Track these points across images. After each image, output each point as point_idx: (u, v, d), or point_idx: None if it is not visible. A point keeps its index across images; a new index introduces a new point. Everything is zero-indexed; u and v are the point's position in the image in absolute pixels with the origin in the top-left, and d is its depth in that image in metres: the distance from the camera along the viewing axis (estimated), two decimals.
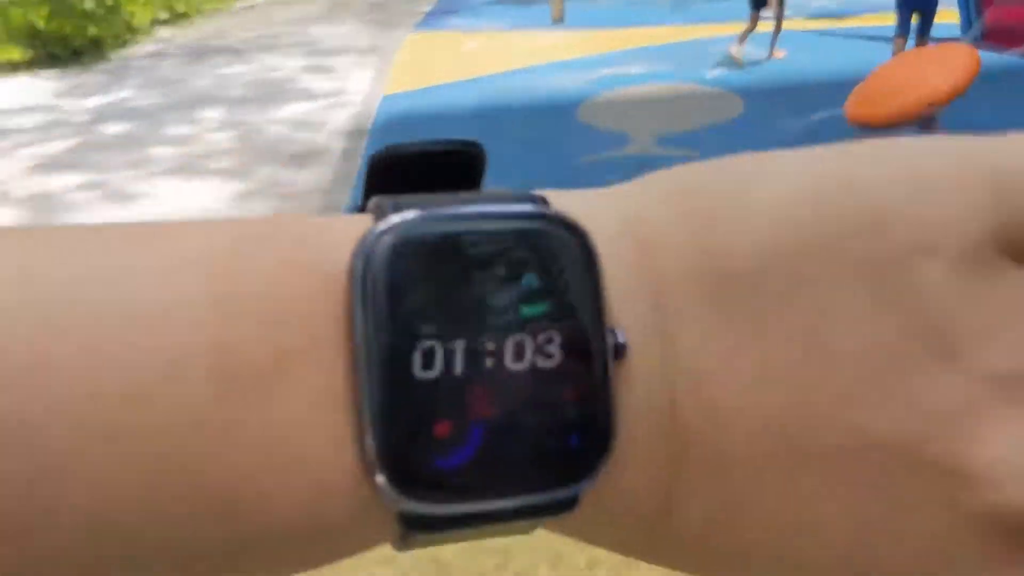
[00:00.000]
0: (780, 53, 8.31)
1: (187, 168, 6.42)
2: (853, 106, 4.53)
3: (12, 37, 11.11)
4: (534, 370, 0.19)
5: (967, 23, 8.30)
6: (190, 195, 5.82)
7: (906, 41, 6.89)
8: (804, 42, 8.72)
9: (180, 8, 14.72)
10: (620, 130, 6.30)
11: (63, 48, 11.26)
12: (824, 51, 8.35)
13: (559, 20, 11.08)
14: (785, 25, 9.50)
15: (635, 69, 8.22)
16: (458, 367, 0.18)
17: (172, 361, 0.17)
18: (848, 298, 0.20)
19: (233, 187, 5.89)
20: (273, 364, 0.17)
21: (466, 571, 2.07)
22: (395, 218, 0.19)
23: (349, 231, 0.19)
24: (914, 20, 6.83)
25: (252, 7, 16.50)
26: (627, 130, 6.27)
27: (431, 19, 12.68)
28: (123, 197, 5.84)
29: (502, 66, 8.85)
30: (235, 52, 11.27)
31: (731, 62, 8.08)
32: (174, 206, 5.60)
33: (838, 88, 6.94)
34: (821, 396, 0.19)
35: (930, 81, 4.26)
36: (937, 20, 8.52)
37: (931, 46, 5.22)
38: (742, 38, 8.39)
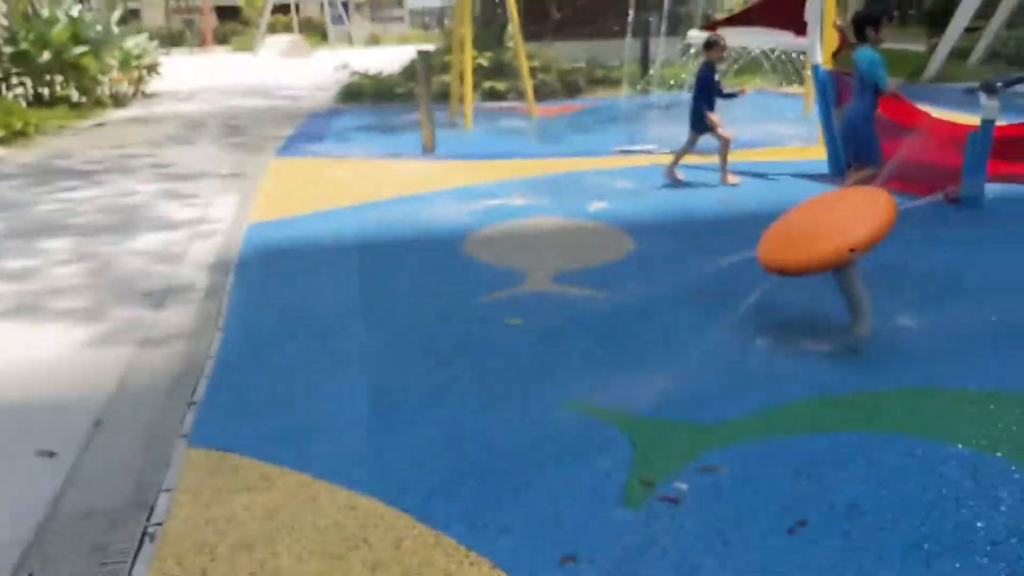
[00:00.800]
0: (735, 179, 8.32)
1: (27, 309, 5.64)
2: (768, 251, 4.36)
3: None
4: None
5: (834, 160, 8.58)
6: (30, 342, 5.06)
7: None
8: (698, 175, 8.81)
9: (18, 125, 13.74)
10: (513, 266, 5.98)
11: None
12: (716, 185, 8.40)
13: (430, 149, 10.88)
14: (661, 158, 9.65)
15: (517, 201, 8.02)
16: None
17: None
18: None
19: (83, 332, 5.17)
20: None
21: None
22: None
23: None
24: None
25: (101, 125, 15.66)
26: (520, 266, 5.96)
27: (294, 144, 12.26)
28: None
29: (377, 194, 8.49)
30: (84, 175, 10.48)
31: (615, 195, 8.02)
32: (9, 358, 4.83)
33: (735, 225, 7.01)
34: None
35: (849, 228, 4.13)
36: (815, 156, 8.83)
37: (844, 189, 5.18)
38: (675, 161, 8.41)
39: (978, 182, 6.91)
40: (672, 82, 15.91)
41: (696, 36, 9.77)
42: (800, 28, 8.62)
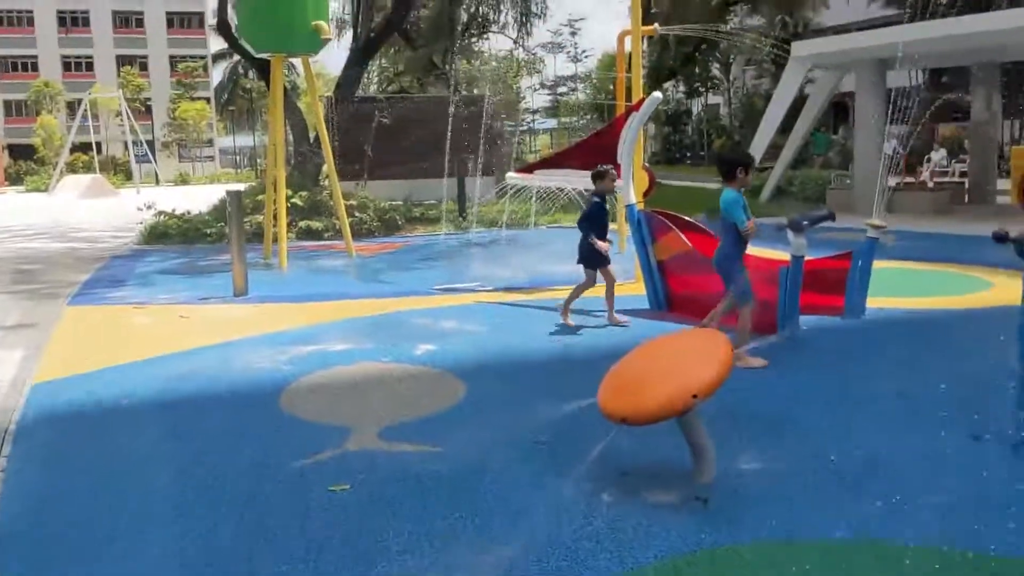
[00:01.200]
0: (624, 319, 8.12)
1: None
2: (609, 398, 4.15)
3: None
4: None
5: (653, 295, 8.70)
6: None
7: None
8: (525, 313, 8.67)
9: None
10: (335, 422, 5.52)
11: None
12: (548, 324, 8.27)
13: (242, 292, 10.31)
14: (485, 296, 9.51)
15: (338, 346, 7.59)
16: None
17: None
18: None
19: None
20: None
21: None
22: None
23: None
24: None
25: None
26: (344, 421, 5.51)
27: (91, 290, 11.34)
28: None
29: (183, 344, 7.83)
30: None
31: (442, 336, 7.73)
32: None
33: (568, 366, 6.87)
34: None
35: (691, 372, 4.00)
36: (621, 292, 8.90)
37: (682, 332, 5.09)
38: (570, 300, 8.14)
39: (794, 317, 7.10)
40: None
41: (513, 178, 9.90)
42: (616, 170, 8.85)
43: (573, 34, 51.86)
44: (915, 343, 7.39)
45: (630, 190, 8.73)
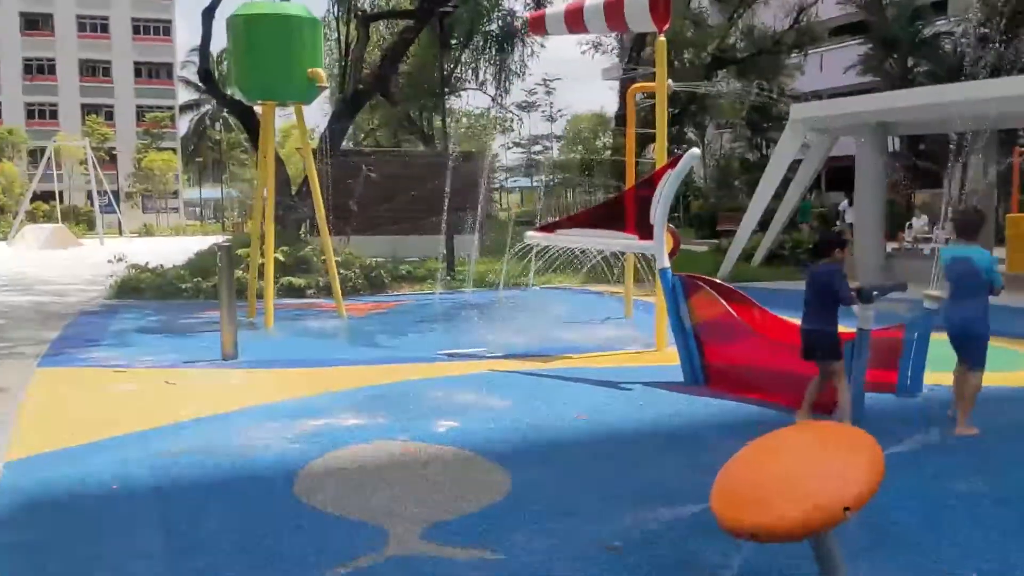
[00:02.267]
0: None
1: None
2: (732, 509, 3.43)
3: None
4: None
5: (689, 368, 8.03)
6: None
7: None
8: (523, 385, 7.95)
9: None
10: (366, 517, 4.73)
11: None
12: (556, 397, 7.53)
13: (232, 356, 9.48)
14: (497, 364, 8.79)
15: (348, 420, 6.80)
16: None
17: None
18: None
19: None
20: None
21: None
22: None
23: None
24: None
25: None
26: (376, 517, 4.72)
27: (62, 350, 10.41)
28: None
29: (173, 415, 6.99)
30: None
31: (461, 410, 6.97)
32: None
33: (615, 448, 6.02)
34: None
35: (837, 479, 3.30)
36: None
37: (811, 427, 4.37)
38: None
39: (860, 396, 6.48)
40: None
41: (534, 237, 9.25)
42: (644, 231, 8.25)
43: (548, 93, 51.95)
44: (986, 429, 6.75)
45: (663, 253, 8.12)
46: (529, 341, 10.38)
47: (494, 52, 34.88)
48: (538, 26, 10.01)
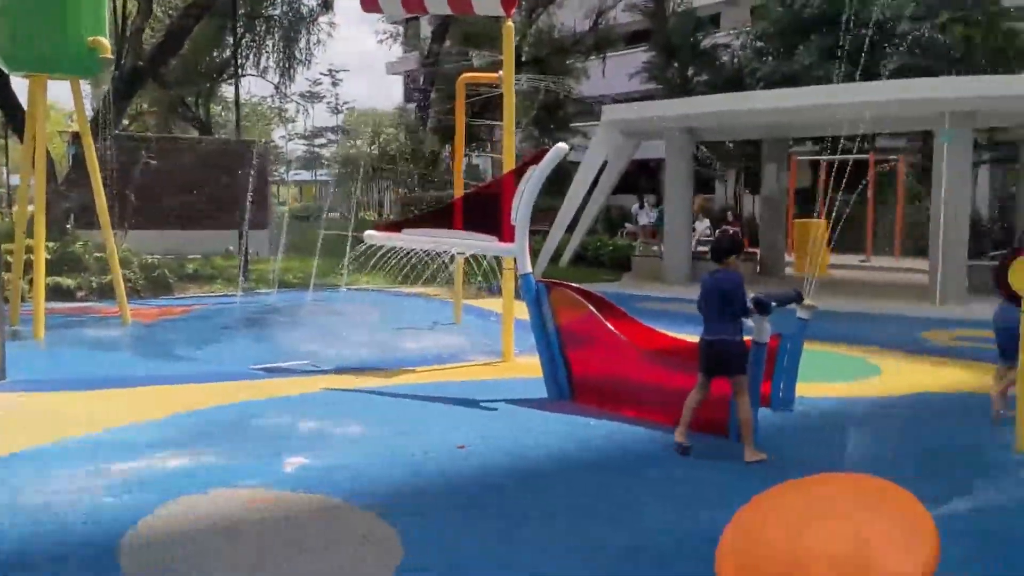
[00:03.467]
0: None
1: None
2: None
3: None
4: None
5: (553, 381, 7.33)
6: None
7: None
8: (373, 406, 6.95)
9: None
10: None
11: None
12: (419, 422, 6.58)
13: (0, 377, 7.79)
14: (331, 381, 7.71)
15: (171, 461, 5.53)
16: None
17: None
18: None
19: None
20: None
21: None
22: None
23: None
24: None
25: None
26: None
27: None
28: None
29: None
30: None
31: (309, 442, 5.86)
32: None
33: (516, 488, 4.83)
34: None
35: (883, 561, 2.64)
36: None
37: (831, 476, 3.66)
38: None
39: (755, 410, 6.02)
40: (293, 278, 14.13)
41: (374, 237, 8.18)
42: (503, 233, 7.46)
43: (335, 84, 50.01)
44: (877, 440, 6.50)
45: (526, 257, 7.37)
46: (359, 352, 9.33)
47: (278, 38, 32.99)
48: (371, 2, 8.99)
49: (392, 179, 35.60)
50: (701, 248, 22.42)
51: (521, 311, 9.77)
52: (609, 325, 6.95)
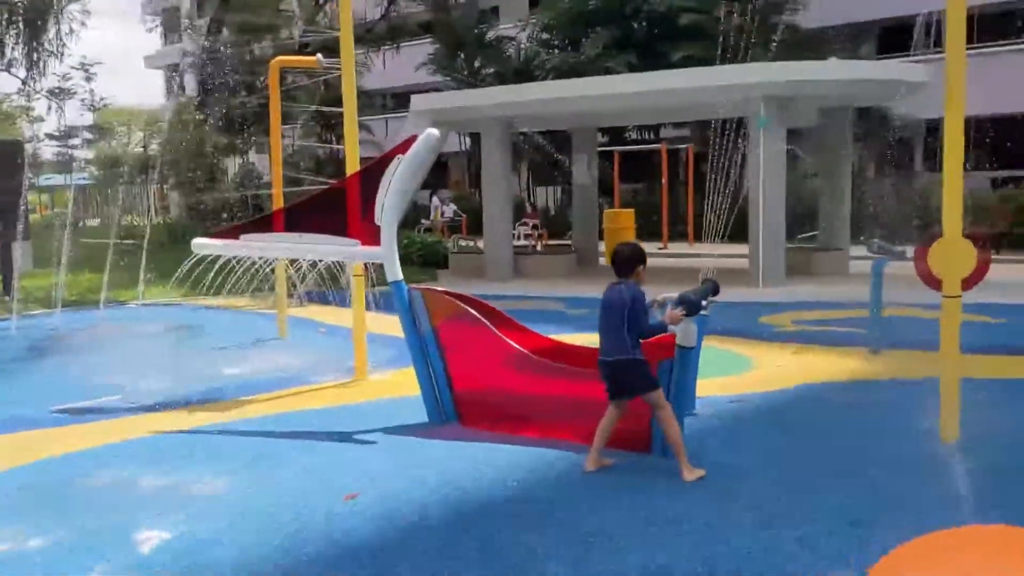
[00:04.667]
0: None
1: None
2: None
3: None
4: None
5: (435, 403, 6.41)
6: None
7: None
8: (220, 451, 5.74)
9: None
10: None
11: None
12: (289, 469, 5.45)
13: None
14: (155, 421, 6.40)
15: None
16: None
17: None
18: None
19: None
20: None
21: None
22: None
23: None
24: None
25: None
26: None
27: None
28: None
29: None
30: None
31: (159, 507, 4.63)
32: None
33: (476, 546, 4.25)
34: None
35: None
36: None
37: (974, 529, 2.91)
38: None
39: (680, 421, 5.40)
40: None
41: (205, 245, 6.84)
42: (367, 235, 6.43)
43: (88, 79, 45.62)
44: (791, 438, 6.07)
45: (396, 262, 6.39)
46: (181, 381, 7.94)
47: (23, 26, 29.46)
48: None
49: (164, 180, 32.84)
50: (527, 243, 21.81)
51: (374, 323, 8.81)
52: (500, 334, 6.13)
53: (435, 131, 6.33)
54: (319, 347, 9.47)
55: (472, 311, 6.25)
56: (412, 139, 6.34)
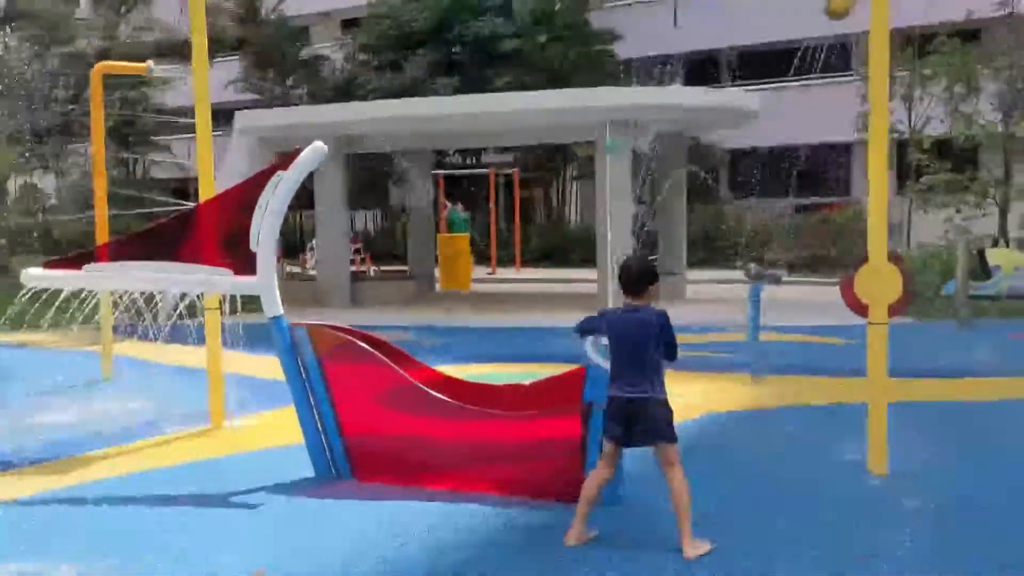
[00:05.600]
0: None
1: None
2: None
3: None
4: None
5: (322, 454, 5.58)
6: None
7: None
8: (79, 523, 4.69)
9: None
10: None
11: None
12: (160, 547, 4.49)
13: None
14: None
15: None
16: None
17: None
18: None
19: None
20: None
21: None
22: None
23: None
24: None
25: None
26: None
27: None
28: None
29: None
30: None
31: None
32: None
33: None
34: None
35: None
36: None
37: None
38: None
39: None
40: None
41: (38, 277, 5.62)
42: (240, 263, 5.53)
43: None
44: (713, 476, 5.70)
45: (275, 293, 5.55)
46: (17, 440, 6.62)
47: None
48: None
49: None
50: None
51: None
52: (401, 371, 5.43)
53: (322, 144, 5.56)
54: (155, 389, 8.33)
55: (366, 347, 5.52)
56: (295, 154, 5.53)
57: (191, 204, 8.61)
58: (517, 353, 9.98)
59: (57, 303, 5.75)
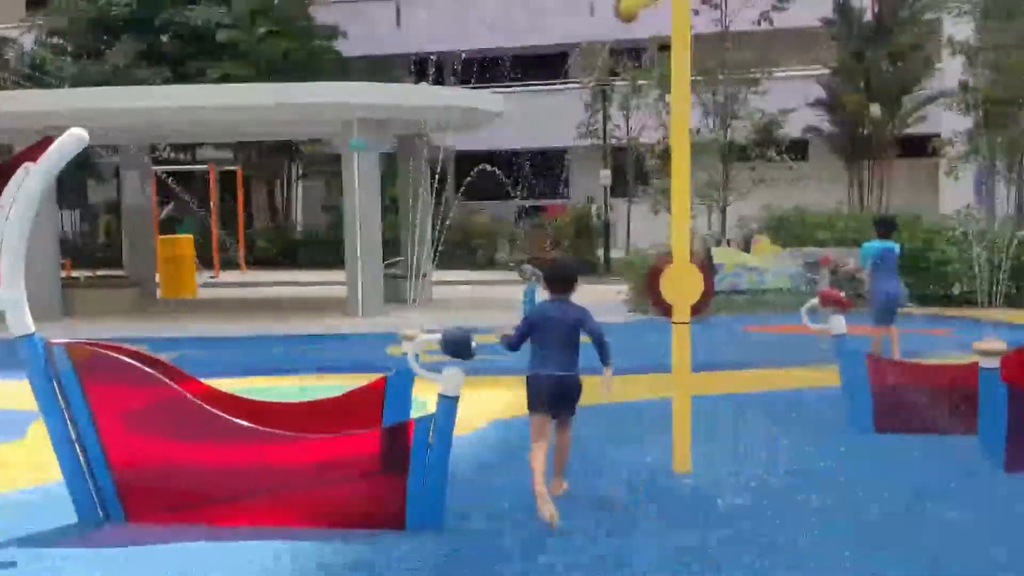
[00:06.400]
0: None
1: None
2: None
3: None
4: None
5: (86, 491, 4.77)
6: None
7: None
8: None
9: None
10: None
11: None
12: None
13: None
14: None
15: None
16: None
17: None
18: None
19: None
20: None
21: None
22: None
23: None
24: None
25: None
26: None
27: None
28: None
29: None
30: None
31: None
32: None
33: None
34: None
35: None
36: None
37: None
38: None
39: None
40: None
41: None
42: None
43: None
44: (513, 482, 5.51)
45: (24, 308, 4.65)
46: None
47: None
48: None
49: None
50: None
51: None
52: (180, 389, 4.78)
53: (81, 131, 4.73)
54: None
55: (137, 365, 4.79)
56: (46, 142, 4.67)
57: None
58: (279, 365, 9.30)
59: None
